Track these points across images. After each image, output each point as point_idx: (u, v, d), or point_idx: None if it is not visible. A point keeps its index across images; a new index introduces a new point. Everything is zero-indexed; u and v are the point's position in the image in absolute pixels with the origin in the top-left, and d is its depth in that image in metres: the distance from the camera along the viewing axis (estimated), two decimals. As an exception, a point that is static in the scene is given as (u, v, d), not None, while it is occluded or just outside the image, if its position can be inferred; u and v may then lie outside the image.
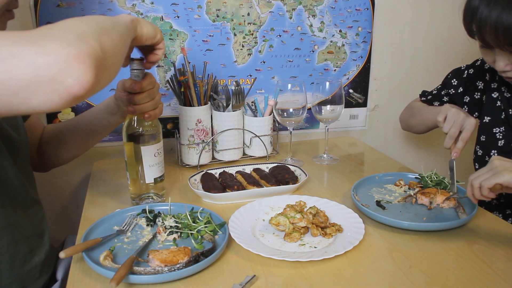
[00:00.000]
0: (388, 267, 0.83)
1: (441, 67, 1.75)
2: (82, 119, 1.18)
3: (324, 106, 1.33)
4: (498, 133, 1.15)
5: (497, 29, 0.86)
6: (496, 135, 1.15)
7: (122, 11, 1.36)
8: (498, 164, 0.86)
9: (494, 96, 1.17)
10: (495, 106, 1.17)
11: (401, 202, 1.07)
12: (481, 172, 0.88)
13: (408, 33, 1.68)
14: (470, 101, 1.25)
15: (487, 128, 1.18)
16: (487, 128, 1.18)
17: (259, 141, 1.39)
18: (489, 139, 1.16)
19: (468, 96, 1.26)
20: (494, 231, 0.96)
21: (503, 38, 0.87)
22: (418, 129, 1.38)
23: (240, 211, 1.00)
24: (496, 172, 0.85)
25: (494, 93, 1.17)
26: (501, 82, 1.16)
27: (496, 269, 0.82)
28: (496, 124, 1.16)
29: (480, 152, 1.19)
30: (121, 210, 1.01)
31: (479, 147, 1.19)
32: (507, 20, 0.84)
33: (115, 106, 1.11)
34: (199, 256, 0.81)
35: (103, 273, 0.78)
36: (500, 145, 1.14)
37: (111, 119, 1.14)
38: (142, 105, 0.99)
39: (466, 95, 1.26)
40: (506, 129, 1.14)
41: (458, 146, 1.03)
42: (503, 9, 0.84)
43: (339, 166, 1.38)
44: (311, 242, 0.91)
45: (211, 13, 1.45)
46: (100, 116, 1.15)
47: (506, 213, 1.16)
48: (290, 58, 1.57)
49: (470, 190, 0.91)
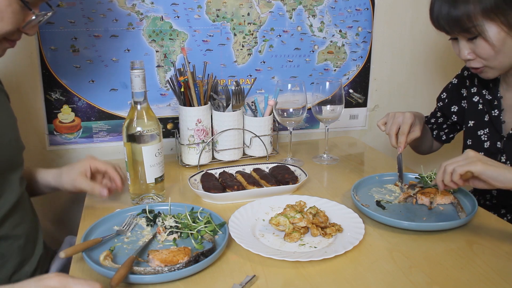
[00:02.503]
0: (388, 267, 0.83)
1: (441, 67, 1.75)
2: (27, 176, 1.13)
3: (324, 106, 1.33)
4: (483, 135, 1.18)
5: (449, 21, 1.02)
6: (481, 137, 1.18)
7: (122, 11, 1.36)
8: (473, 155, 0.92)
9: (475, 100, 1.21)
10: (477, 109, 1.20)
11: (402, 203, 1.07)
12: (456, 159, 0.94)
13: (408, 33, 1.68)
14: (458, 110, 1.29)
15: (472, 132, 1.21)
16: (472, 131, 1.21)
17: (259, 141, 1.39)
18: (475, 142, 1.19)
19: (456, 105, 1.30)
20: (494, 231, 0.96)
21: (454, 28, 1.02)
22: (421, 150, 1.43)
23: (240, 211, 1.00)
24: (470, 161, 0.91)
25: (475, 97, 1.22)
26: (480, 86, 1.20)
27: (496, 269, 0.82)
28: (480, 127, 1.19)
29: None
30: (121, 210, 1.01)
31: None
32: (454, 13, 1.00)
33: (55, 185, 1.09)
34: (199, 256, 0.81)
35: (103, 273, 0.78)
36: (486, 146, 1.16)
37: (49, 189, 1.13)
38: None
39: (453, 104, 1.30)
40: (490, 130, 1.16)
41: (400, 140, 1.15)
42: (450, 5, 1.00)
43: (339, 166, 1.38)
44: (311, 242, 0.91)
45: (211, 13, 1.44)
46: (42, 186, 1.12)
47: (501, 212, 1.17)
48: (290, 58, 1.57)
49: (441, 175, 0.95)
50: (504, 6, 0.97)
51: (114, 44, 1.39)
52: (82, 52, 1.37)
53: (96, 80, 1.40)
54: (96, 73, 1.40)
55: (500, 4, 0.97)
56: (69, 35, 1.35)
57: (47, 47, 1.34)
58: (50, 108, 1.38)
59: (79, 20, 1.34)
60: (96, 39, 1.37)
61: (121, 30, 1.38)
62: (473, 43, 1.03)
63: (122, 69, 1.41)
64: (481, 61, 1.05)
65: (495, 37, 0.99)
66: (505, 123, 1.14)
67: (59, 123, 1.41)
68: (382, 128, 1.21)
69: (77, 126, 1.42)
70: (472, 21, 0.99)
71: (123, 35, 1.39)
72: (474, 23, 0.99)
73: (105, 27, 1.37)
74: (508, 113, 1.14)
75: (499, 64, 1.04)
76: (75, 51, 1.37)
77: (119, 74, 1.41)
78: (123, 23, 1.38)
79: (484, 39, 1.00)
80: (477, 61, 1.05)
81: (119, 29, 1.38)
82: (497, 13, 0.97)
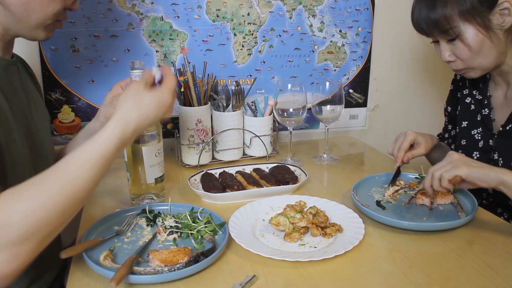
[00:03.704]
0: (388, 267, 0.83)
1: (441, 67, 1.75)
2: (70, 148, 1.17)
3: (324, 106, 1.33)
4: (477, 135, 1.19)
5: (428, 23, 1.05)
6: (475, 137, 1.19)
7: (122, 11, 1.36)
8: (457, 158, 0.95)
9: (467, 101, 1.23)
10: (470, 110, 1.22)
11: (406, 205, 1.07)
12: (441, 164, 0.96)
13: (408, 33, 1.68)
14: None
15: (466, 132, 1.22)
16: (465, 132, 1.22)
17: (259, 141, 1.39)
18: (469, 142, 1.21)
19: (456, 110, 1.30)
20: (494, 231, 0.96)
21: (433, 30, 1.05)
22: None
23: (240, 211, 1.00)
24: (455, 165, 0.93)
25: (467, 99, 1.24)
26: (471, 86, 1.23)
27: (496, 269, 0.82)
28: (473, 127, 1.20)
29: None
30: (121, 210, 1.01)
31: (461, 151, 1.23)
32: (433, 15, 1.03)
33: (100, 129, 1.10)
34: (199, 256, 0.81)
35: (103, 273, 0.77)
36: (480, 146, 1.18)
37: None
38: None
39: (456, 111, 1.30)
40: (483, 129, 1.18)
41: (397, 155, 1.18)
42: (428, 8, 1.04)
43: (339, 166, 1.38)
44: (311, 242, 0.91)
45: (211, 13, 1.45)
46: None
47: (498, 211, 1.17)
48: (290, 58, 1.57)
49: (430, 181, 0.97)
50: (481, 8, 0.99)
51: (114, 44, 1.39)
52: (82, 52, 1.37)
53: (96, 80, 1.40)
54: (96, 73, 1.40)
55: (476, 6, 0.99)
56: (69, 35, 1.35)
57: (47, 47, 1.34)
58: (50, 108, 1.38)
59: (79, 20, 1.34)
60: (96, 39, 1.37)
61: (121, 30, 1.38)
62: (453, 44, 1.06)
63: (122, 69, 1.41)
64: (461, 62, 1.07)
65: (472, 38, 1.01)
66: (495, 121, 1.16)
67: (59, 123, 1.41)
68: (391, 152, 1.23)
69: (77, 126, 1.42)
70: (450, 23, 1.01)
71: (123, 35, 1.39)
72: (452, 25, 1.01)
73: (105, 27, 1.37)
74: (498, 111, 1.16)
75: (479, 65, 1.06)
76: (75, 51, 1.37)
77: (119, 74, 1.41)
78: (123, 23, 1.38)
79: (462, 41, 1.02)
80: (458, 62, 1.08)
81: (119, 29, 1.38)
82: (474, 15, 1.00)
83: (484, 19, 1.00)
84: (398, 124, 1.78)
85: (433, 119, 1.80)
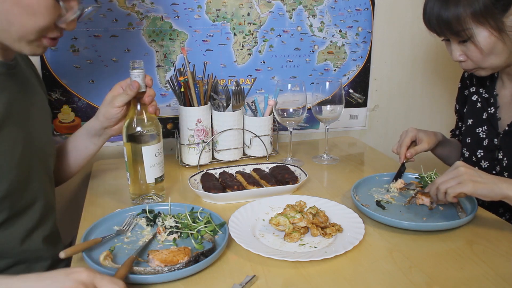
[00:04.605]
0: (388, 267, 0.83)
1: (441, 66, 1.75)
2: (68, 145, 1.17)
3: (324, 106, 1.33)
4: (481, 133, 1.19)
5: (439, 22, 1.03)
6: (480, 135, 1.19)
7: (122, 11, 1.36)
8: (464, 172, 0.94)
9: (474, 99, 1.23)
10: (476, 108, 1.22)
11: (406, 205, 1.07)
12: (447, 177, 0.96)
13: (408, 33, 1.68)
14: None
15: (471, 130, 1.22)
16: (471, 129, 1.22)
17: (259, 141, 1.39)
18: (474, 140, 1.20)
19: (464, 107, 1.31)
20: (494, 231, 0.96)
21: (445, 30, 1.03)
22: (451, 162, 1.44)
23: (240, 211, 1.00)
24: (461, 181, 0.92)
25: (473, 96, 1.23)
26: (478, 84, 1.22)
27: (496, 269, 0.82)
28: (479, 125, 1.20)
29: (467, 153, 1.23)
30: (121, 210, 1.01)
31: (466, 149, 1.23)
32: (445, 14, 1.01)
33: (99, 128, 1.11)
34: (199, 256, 0.81)
35: (103, 273, 0.77)
36: (485, 144, 1.17)
37: (98, 141, 1.15)
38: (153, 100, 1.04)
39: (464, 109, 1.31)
40: (488, 128, 1.18)
41: (400, 151, 1.21)
42: (441, 6, 1.01)
43: (339, 166, 1.38)
44: (311, 242, 0.91)
45: (211, 13, 1.45)
46: (85, 142, 1.15)
47: (499, 212, 1.17)
48: (290, 58, 1.57)
49: (435, 191, 0.97)
50: (494, 10, 0.97)
51: (114, 44, 1.39)
52: (82, 52, 1.37)
53: (96, 80, 1.40)
54: (96, 73, 1.40)
55: (490, 8, 0.97)
56: (69, 35, 1.35)
57: (47, 47, 1.34)
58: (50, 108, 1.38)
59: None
60: (96, 39, 1.37)
61: (121, 30, 1.38)
62: (464, 45, 1.04)
63: (122, 69, 1.41)
64: (472, 63, 1.07)
65: (485, 41, 1.00)
66: (501, 120, 1.15)
67: (59, 123, 1.41)
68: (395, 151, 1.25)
69: (77, 126, 1.42)
70: (462, 25, 0.99)
71: (123, 35, 1.39)
72: (464, 26, 0.99)
73: (105, 27, 1.37)
74: (504, 110, 1.16)
75: (489, 65, 1.06)
76: (75, 51, 1.37)
77: (119, 74, 1.41)
78: (123, 23, 1.38)
79: (474, 43, 1.01)
80: (469, 62, 1.07)
81: (119, 29, 1.38)
82: (487, 17, 0.98)
83: (497, 22, 0.98)
84: (398, 124, 1.78)
85: (433, 118, 1.80)
